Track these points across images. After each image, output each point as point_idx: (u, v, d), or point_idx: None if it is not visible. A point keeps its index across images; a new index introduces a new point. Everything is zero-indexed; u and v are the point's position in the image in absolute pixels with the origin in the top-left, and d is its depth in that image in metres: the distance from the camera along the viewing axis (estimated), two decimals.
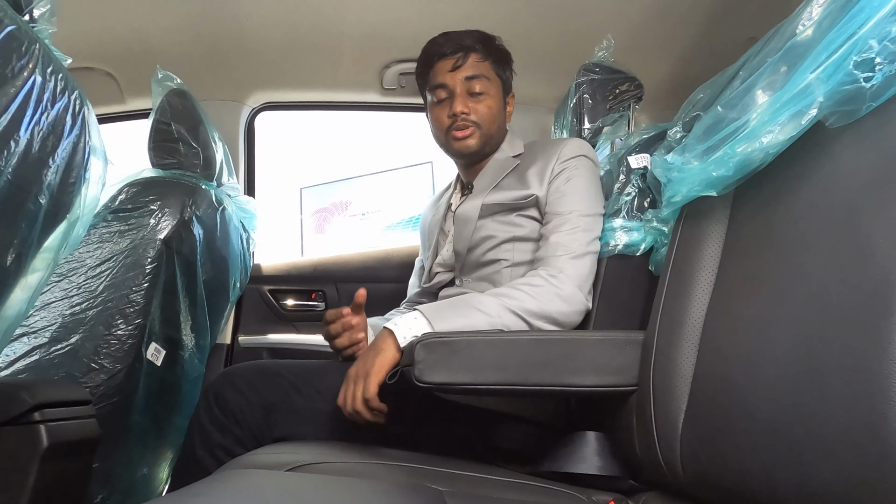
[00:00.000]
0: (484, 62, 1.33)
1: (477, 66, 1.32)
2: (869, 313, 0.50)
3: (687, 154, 0.89)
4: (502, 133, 1.39)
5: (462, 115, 1.30)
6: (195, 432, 1.14)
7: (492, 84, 1.33)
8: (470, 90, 1.31)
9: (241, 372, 1.18)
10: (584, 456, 0.94)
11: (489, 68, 1.34)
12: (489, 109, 1.32)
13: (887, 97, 0.55)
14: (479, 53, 1.33)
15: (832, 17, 0.63)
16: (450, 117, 1.31)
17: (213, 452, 1.11)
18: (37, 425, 0.95)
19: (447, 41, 1.34)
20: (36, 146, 0.85)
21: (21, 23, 0.84)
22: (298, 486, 0.66)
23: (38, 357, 1.23)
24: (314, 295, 2.05)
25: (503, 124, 1.39)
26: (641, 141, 1.30)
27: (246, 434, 1.12)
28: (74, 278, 1.37)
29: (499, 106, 1.35)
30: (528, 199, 1.25)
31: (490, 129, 1.33)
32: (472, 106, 1.31)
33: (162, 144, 1.62)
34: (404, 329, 1.03)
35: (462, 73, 1.31)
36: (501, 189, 1.31)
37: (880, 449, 0.47)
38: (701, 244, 0.82)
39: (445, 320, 1.05)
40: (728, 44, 1.59)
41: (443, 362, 0.89)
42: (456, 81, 1.31)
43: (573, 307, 1.13)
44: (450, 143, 1.34)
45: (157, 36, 1.72)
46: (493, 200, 1.29)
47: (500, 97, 1.36)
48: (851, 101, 0.58)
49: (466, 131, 1.31)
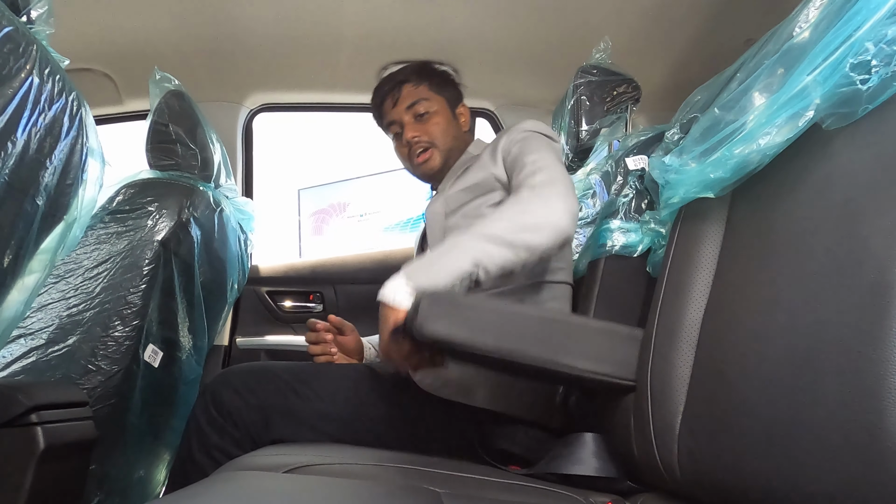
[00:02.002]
0: (419, 87, 1.40)
1: (414, 93, 1.40)
2: (866, 314, 0.50)
3: (684, 156, 0.89)
4: (462, 142, 1.43)
5: (415, 140, 1.37)
6: (192, 433, 1.14)
7: (433, 103, 1.40)
8: (415, 115, 1.39)
9: (238, 373, 1.18)
10: (581, 457, 0.94)
11: (427, 90, 1.41)
12: (438, 126, 1.38)
13: (883, 99, 0.55)
14: (411, 82, 1.41)
15: (829, 19, 0.64)
16: (406, 146, 1.39)
17: (210, 453, 1.11)
18: (33, 427, 0.95)
19: (383, 83, 1.44)
20: (33, 147, 0.85)
21: (18, 24, 0.84)
22: (296, 488, 0.66)
23: (34, 359, 1.23)
24: (312, 296, 2.05)
25: (460, 134, 1.44)
26: (639, 143, 1.30)
27: (243, 435, 1.12)
28: (71, 280, 1.36)
29: (448, 120, 1.41)
30: (486, 179, 1.26)
31: (446, 143, 1.39)
32: (422, 128, 1.38)
33: (160, 146, 1.62)
34: (391, 292, 0.99)
35: (402, 104, 1.39)
36: (461, 179, 1.32)
37: (877, 449, 0.47)
38: (698, 245, 0.82)
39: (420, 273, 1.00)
40: (725, 45, 1.59)
41: (445, 316, 0.87)
42: (400, 113, 1.39)
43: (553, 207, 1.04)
44: (417, 169, 1.41)
45: (155, 37, 1.72)
46: (455, 190, 1.31)
47: (448, 111, 1.42)
48: (848, 104, 0.58)
49: (426, 154, 1.38)
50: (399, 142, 1.42)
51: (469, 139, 1.46)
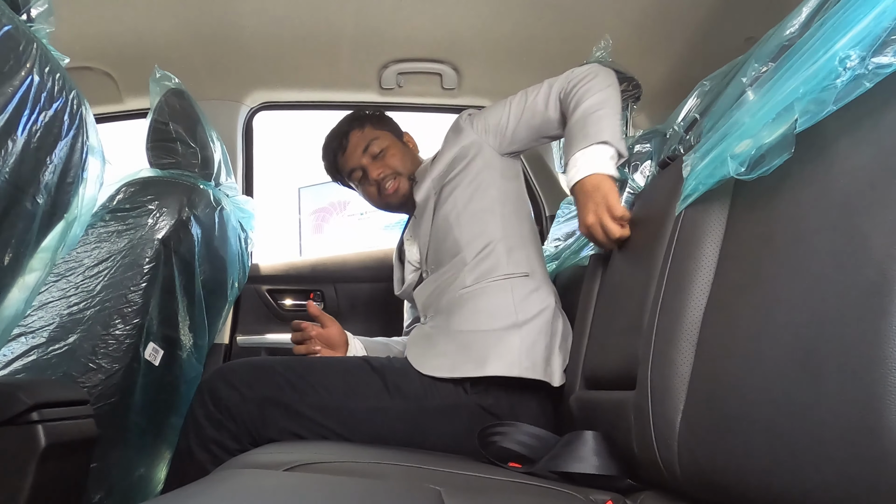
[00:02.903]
0: (363, 130, 1.52)
1: (362, 136, 1.51)
2: (866, 313, 0.50)
3: (689, 154, 0.89)
4: (419, 163, 1.54)
5: (381, 176, 1.48)
6: (190, 429, 1.14)
7: (383, 139, 1.52)
8: (372, 156, 1.49)
9: (235, 368, 1.18)
10: (581, 455, 0.95)
11: (372, 130, 1.53)
12: (395, 157, 1.50)
13: (849, 100, 0.56)
14: (355, 129, 1.53)
15: (823, 19, 0.64)
16: (373, 184, 1.49)
17: (208, 448, 1.12)
18: (34, 425, 0.95)
19: (331, 139, 1.58)
20: (33, 146, 0.85)
21: (18, 22, 0.84)
22: (296, 486, 0.66)
23: (35, 357, 1.23)
24: (312, 295, 2.05)
25: (415, 157, 1.56)
26: (643, 150, 1.30)
27: (240, 430, 1.13)
28: (72, 278, 1.36)
29: (402, 150, 1.54)
30: (460, 151, 1.38)
31: (408, 168, 1.50)
32: (383, 164, 1.49)
33: (160, 144, 1.62)
34: (591, 163, 1.16)
35: (355, 149, 1.51)
36: (434, 168, 1.42)
37: (877, 448, 0.47)
38: (699, 244, 0.82)
39: (605, 133, 1.17)
40: (726, 44, 1.59)
41: None
42: (357, 159, 1.51)
43: (604, 73, 1.30)
44: (388, 200, 1.51)
45: (155, 35, 1.71)
46: (438, 169, 1.41)
47: (398, 142, 1.55)
48: (821, 104, 0.59)
49: (394, 182, 1.48)
50: (365, 184, 1.52)
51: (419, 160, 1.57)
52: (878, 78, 0.54)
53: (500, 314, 1.25)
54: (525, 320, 1.24)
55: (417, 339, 1.32)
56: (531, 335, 1.23)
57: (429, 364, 1.22)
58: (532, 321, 1.25)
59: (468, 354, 1.21)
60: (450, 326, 1.28)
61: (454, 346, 1.24)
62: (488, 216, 1.35)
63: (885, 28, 0.54)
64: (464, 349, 1.22)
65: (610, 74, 1.29)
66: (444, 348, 1.24)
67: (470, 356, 1.21)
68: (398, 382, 1.20)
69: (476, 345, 1.22)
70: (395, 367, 1.23)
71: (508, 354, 1.20)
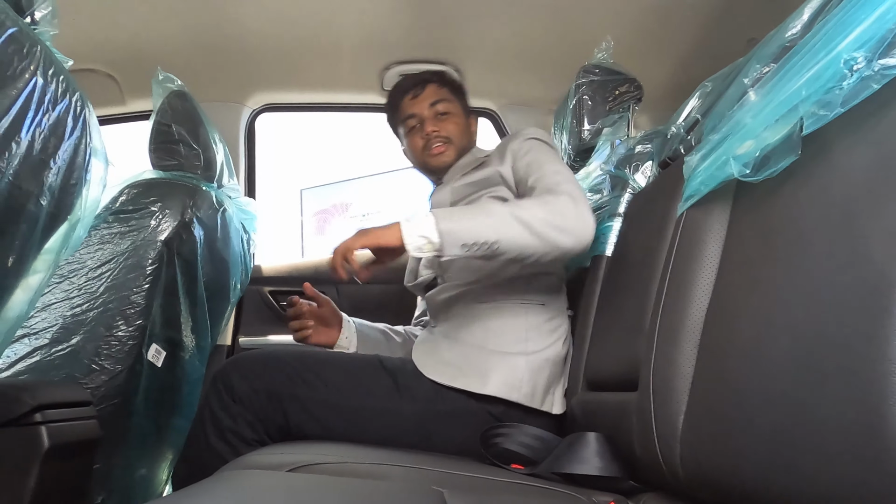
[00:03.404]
0: (443, 88, 1.47)
1: (437, 92, 1.46)
2: (867, 314, 0.50)
3: (692, 155, 0.89)
4: (470, 146, 1.50)
5: (434, 134, 1.42)
6: (206, 419, 1.15)
7: (453, 105, 1.47)
8: (436, 113, 1.44)
9: (247, 359, 1.20)
10: (584, 457, 0.95)
11: (448, 93, 1.47)
12: (457, 126, 1.45)
13: (856, 102, 0.56)
14: (435, 83, 1.47)
15: (824, 20, 0.64)
16: (423, 138, 1.44)
17: (226, 437, 1.13)
18: (38, 426, 0.95)
19: (405, 80, 1.50)
20: (37, 148, 0.85)
21: (23, 25, 0.84)
22: (299, 487, 0.66)
23: (38, 358, 1.23)
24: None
25: (470, 139, 1.50)
26: (644, 151, 1.30)
27: (255, 419, 1.14)
28: (75, 279, 1.37)
29: (464, 123, 1.48)
30: (492, 176, 1.33)
31: (461, 143, 1.45)
32: (441, 125, 1.44)
33: (163, 146, 1.62)
34: (414, 225, 1.09)
35: (425, 100, 1.45)
36: (469, 176, 1.39)
37: (878, 449, 0.47)
38: (701, 245, 0.82)
39: (452, 220, 1.09)
40: (728, 45, 1.59)
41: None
42: (422, 108, 1.44)
43: (584, 220, 1.11)
44: (428, 160, 1.45)
45: (158, 38, 1.72)
46: (462, 183, 1.38)
47: (464, 116, 1.49)
48: (827, 107, 0.58)
49: (441, 147, 1.43)
50: (413, 134, 1.46)
51: (474, 146, 1.53)
52: (886, 79, 0.53)
53: (509, 337, 1.24)
54: (534, 350, 1.23)
55: (424, 342, 1.32)
56: (537, 362, 1.22)
57: (433, 369, 1.22)
58: (541, 352, 1.24)
59: (472, 368, 1.21)
60: (458, 336, 1.28)
61: (460, 357, 1.23)
62: None
63: (891, 29, 0.54)
64: (468, 362, 1.22)
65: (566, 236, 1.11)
66: (450, 356, 1.24)
67: (474, 371, 1.21)
68: (409, 384, 1.20)
69: (480, 361, 1.22)
70: (408, 370, 1.23)
71: (511, 377, 1.19)
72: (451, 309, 1.33)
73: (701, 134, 0.95)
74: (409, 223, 1.09)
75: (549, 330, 1.28)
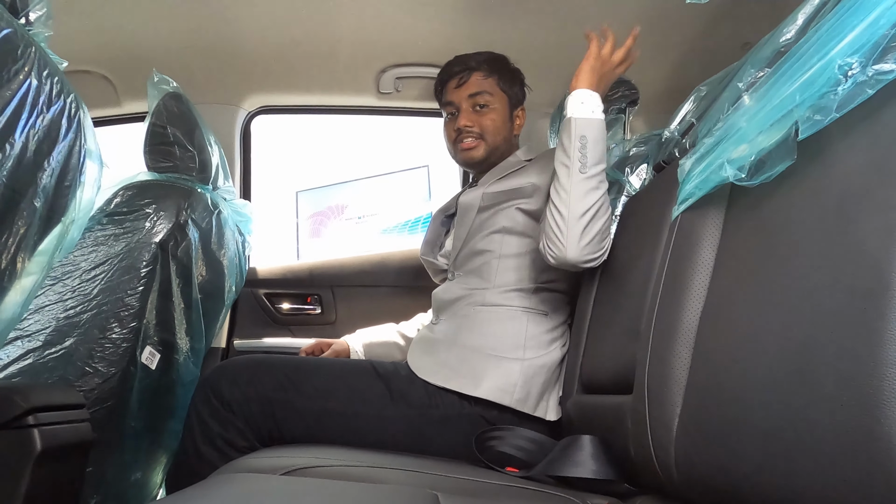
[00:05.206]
0: (488, 79, 1.42)
1: (480, 83, 1.41)
2: (862, 316, 0.50)
3: (687, 158, 0.89)
4: (510, 144, 1.46)
5: (466, 129, 1.40)
6: (195, 426, 1.14)
7: (496, 98, 1.42)
8: (475, 105, 1.40)
9: (235, 365, 1.19)
10: (578, 460, 0.95)
11: (493, 84, 1.42)
12: (493, 122, 1.41)
13: (851, 107, 0.56)
14: (482, 71, 1.42)
15: (818, 24, 0.64)
16: (456, 131, 1.41)
17: (216, 444, 1.12)
18: (30, 429, 0.94)
19: (455, 62, 1.46)
20: (31, 149, 0.85)
21: (17, 26, 0.84)
22: (294, 490, 0.66)
23: (31, 360, 1.23)
24: (310, 299, 2.05)
25: (510, 136, 1.46)
26: (639, 153, 1.30)
27: (246, 426, 1.13)
28: (69, 281, 1.36)
29: (503, 118, 1.43)
30: (526, 186, 1.31)
31: (495, 140, 1.41)
32: (477, 119, 1.40)
33: (158, 148, 1.62)
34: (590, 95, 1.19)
35: (466, 90, 1.41)
36: (503, 181, 1.37)
37: (873, 452, 0.47)
38: (695, 249, 0.82)
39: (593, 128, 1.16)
40: (723, 49, 1.60)
41: None
42: (461, 98, 1.41)
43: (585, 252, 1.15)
44: (458, 154, 1.44)
45: (154, 39, 1.71)
46: (495, 190, 1.35)
47: (506, 111, 1.44)
48: (822, 111, 0.59)
49: (472, 142, 1.40)
50: (449, 122, 1.45)
51: (517, 144, 1.50)
52: (881, 84, 0.54)
53: (508, 342, 1.24)
54: (531, 357, 1.24)
55: (421, 342, 1.32)
56: (532, 368, 1.23)
57: (427, 370, 1.22)
58: (537, 359, 1.24)
59: (466, 370, 1.21)
60: (457, 338, 1.27)
61: (455, 359, 1.23)
62: (518, 240, 1.33)
63: (884, 35, 0.54)
64: (463, 364, 1.22)
65: None
66: (445, 358, 1.24)
67: (467, 372, 1.21)
68: (402, 390, 1.19)
69: (475, 363, 1.22)
70: (401, 375, 1.23)
71: (504, 381, 1.19)
72: (455, 309, 1.33)
73: (696, 137, 0.96)
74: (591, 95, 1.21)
75: (548, 340, 1.28)
